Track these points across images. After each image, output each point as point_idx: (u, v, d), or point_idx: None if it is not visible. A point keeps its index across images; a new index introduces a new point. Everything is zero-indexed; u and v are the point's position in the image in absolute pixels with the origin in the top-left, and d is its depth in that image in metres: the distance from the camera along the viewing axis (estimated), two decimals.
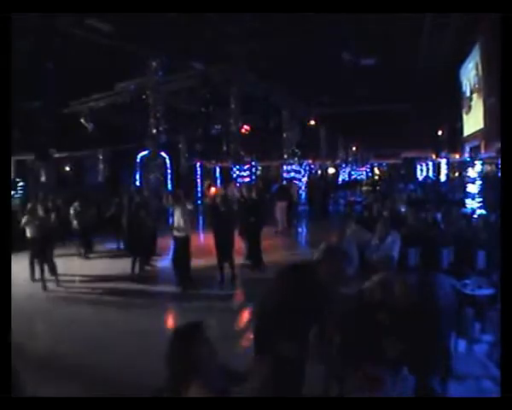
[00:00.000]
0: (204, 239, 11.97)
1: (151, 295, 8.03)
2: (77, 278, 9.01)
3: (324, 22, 12.94)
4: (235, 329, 6.16)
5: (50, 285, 8.23)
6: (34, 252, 8.39)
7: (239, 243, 9.31)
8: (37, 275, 8.41)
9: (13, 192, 14.25)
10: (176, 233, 8.09)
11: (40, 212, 8.62)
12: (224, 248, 8.34)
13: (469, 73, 16.12)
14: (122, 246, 10.72)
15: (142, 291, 8.13)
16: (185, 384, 2.04)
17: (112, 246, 11.68)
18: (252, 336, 3.63)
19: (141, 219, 9.22)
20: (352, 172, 31.02)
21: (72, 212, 11.11)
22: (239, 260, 9.03)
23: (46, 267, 8.28)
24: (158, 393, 2.10)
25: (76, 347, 5.64)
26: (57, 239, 9.98)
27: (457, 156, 19.96)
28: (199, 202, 19.10)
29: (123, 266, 9.13)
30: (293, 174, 20.40)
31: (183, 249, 8.12)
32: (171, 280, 8.17)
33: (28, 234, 8.38)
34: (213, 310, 6.79)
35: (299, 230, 15.97)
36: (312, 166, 25.76)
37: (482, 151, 13.41)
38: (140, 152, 16.26)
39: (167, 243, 9.52)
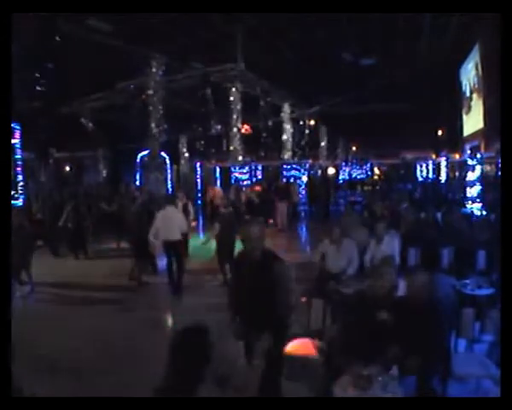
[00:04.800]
0: None
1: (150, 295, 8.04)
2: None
3: (324, 22, 12.95)
4: None
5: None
6: None
7: None
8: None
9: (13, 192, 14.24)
10: (168, 237, 7.74)
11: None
12: (224, 250, 8.29)
13: (469, 73, 16.13)
14: (124, 245, 10.48)
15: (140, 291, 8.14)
16: (188, 386, 2.04)
17: (111, 245, 11.69)
18: None
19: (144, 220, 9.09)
20: (352, 172, 31.01)
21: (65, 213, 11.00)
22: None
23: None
24: (158, 393, 2.10)
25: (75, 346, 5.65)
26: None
27: (457, 156, 19.96)
28: (199, 202, 19.08)
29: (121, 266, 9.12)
30: (293, 172, 20.38)
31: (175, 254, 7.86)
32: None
33: None
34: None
35: (300, 230, 15.96)
36: (312, 166, 25.74)
37: (482, 151, 13.42)
38: (140, 152, 16.26)
39: None
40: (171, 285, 7.86)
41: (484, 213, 10.64)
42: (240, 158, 17.49)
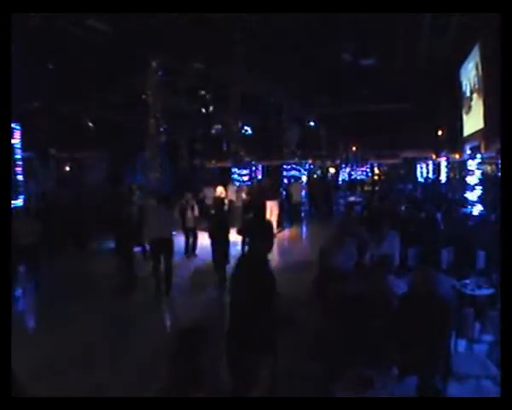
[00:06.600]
0: None
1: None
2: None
3: (324, 22, 12.94)
4: None
5: None
6: None
7: None
8: None
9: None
10: (154, 235, 7.65)
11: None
12: (218, 250, 8.27)
13: (469, 73, 16.12)
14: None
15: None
16: (189, 386, 2.03)
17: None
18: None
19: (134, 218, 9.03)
20: (352, 173, 31.02)
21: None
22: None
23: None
24: (159, 393, 2.10)
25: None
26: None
27: (457, 156, 19.95)
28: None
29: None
30: (293, 172, 20.41)
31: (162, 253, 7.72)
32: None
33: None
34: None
35: (301, 230, 15.93)
36: (312, 166, 25.75)
37: (482, 151, 13.41)
38: (140, 152, 16.25)
39: None
40: (157, 287, 7.67)
41: (483, 212, 10.64)
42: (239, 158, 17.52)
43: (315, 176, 26.03)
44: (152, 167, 15.64)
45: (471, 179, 12.25)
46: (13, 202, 9.74)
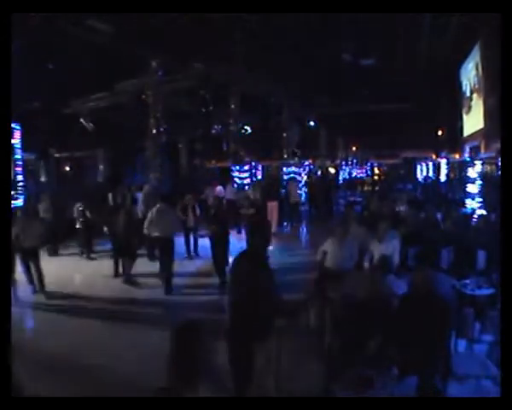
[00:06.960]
0: None
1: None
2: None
3: (324, 22, 12.96)
4: None
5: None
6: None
7: None
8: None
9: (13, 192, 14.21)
10: (156, 233, 7.76)
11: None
12: (218, 250, 8.26)
13: (469, 73, 16.14)
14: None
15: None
16: (188, 385, 2.03)
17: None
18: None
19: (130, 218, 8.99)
20: (353, 173, 31.04)
21: (75, 212, 11.10)
22: None
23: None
24: (159, 393, 2.10)
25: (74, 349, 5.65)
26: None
27: (457, 156, 19.97)
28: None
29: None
30: (292, 175, 20.39)
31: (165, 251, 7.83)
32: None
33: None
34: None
35: (298, 231, 15.89)
36: (312, 167, 25.77)
37: (482, 151, 13.42)
38: (140, 152, 16.27)
39: None
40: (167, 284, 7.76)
41: (484, 212, 10.64)
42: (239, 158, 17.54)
43: (315, 176, 26.03)
44: (152, 167, 15.65)
45: (472, 187, 12.21)
46: (13, 202, 9.73)
